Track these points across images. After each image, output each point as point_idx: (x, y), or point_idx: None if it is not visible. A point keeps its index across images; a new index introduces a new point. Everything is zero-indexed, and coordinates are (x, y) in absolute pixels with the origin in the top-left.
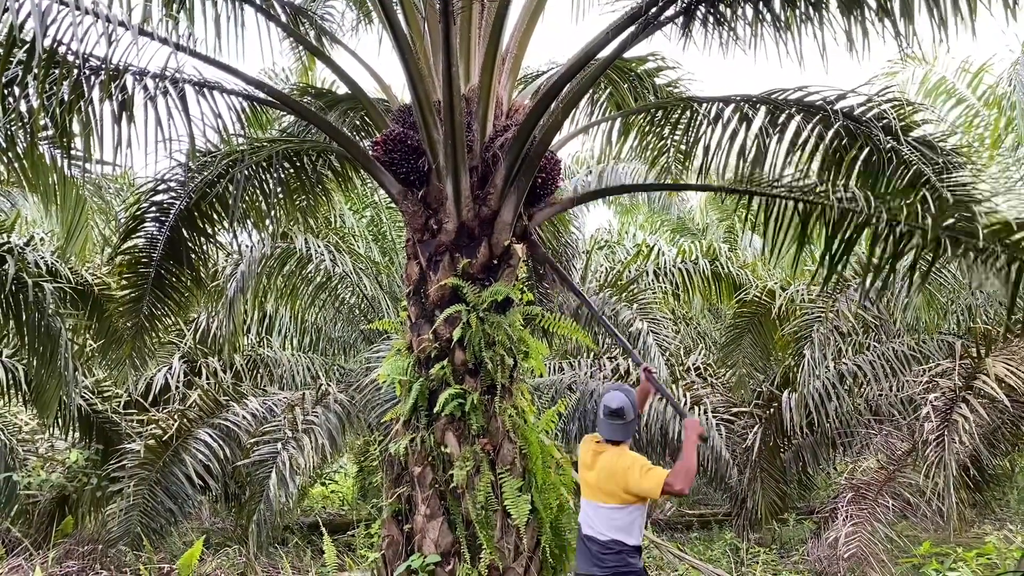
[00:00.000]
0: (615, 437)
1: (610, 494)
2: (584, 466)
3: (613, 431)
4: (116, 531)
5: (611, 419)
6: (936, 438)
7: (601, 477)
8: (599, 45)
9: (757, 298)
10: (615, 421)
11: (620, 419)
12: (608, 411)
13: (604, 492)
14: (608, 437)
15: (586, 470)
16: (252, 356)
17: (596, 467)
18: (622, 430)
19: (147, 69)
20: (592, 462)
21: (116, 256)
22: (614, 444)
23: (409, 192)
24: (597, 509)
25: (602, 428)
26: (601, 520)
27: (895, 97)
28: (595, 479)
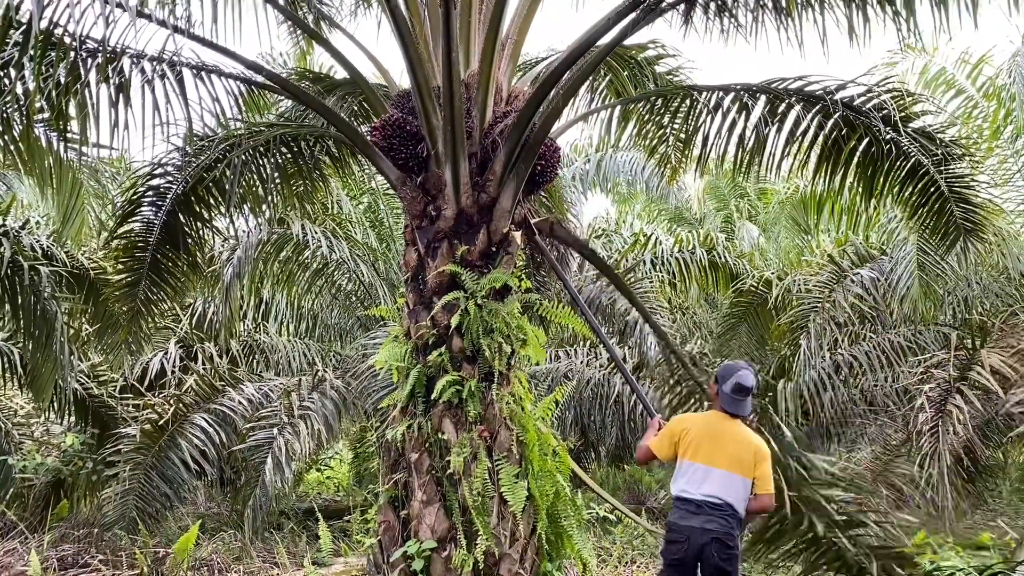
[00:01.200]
0: (743, 412)
1: (743, 466)
2: (699, 438)
3: (741, 406)
4: (112, 515)
5: (742, 396)
6: (930, 428)
7: (740, 448)
8: (600, 32)
9: (754, 287)
10: (744, 398)
11: (747, 396)
12: (741, 387)
13: (738, 463)
14: (735, 412)
15: (707, 441)
16: (248, 342)
17: (733, 439)
18: (747, 406)
19: (144, 52)
20: (719, 434)
21: (112, 240)
22: (739, 418)
23: (408, 178)
24: (724, 475)
25: (729, 403)
26: (723, 485)
27: (895, 88)
28: (732, 450)
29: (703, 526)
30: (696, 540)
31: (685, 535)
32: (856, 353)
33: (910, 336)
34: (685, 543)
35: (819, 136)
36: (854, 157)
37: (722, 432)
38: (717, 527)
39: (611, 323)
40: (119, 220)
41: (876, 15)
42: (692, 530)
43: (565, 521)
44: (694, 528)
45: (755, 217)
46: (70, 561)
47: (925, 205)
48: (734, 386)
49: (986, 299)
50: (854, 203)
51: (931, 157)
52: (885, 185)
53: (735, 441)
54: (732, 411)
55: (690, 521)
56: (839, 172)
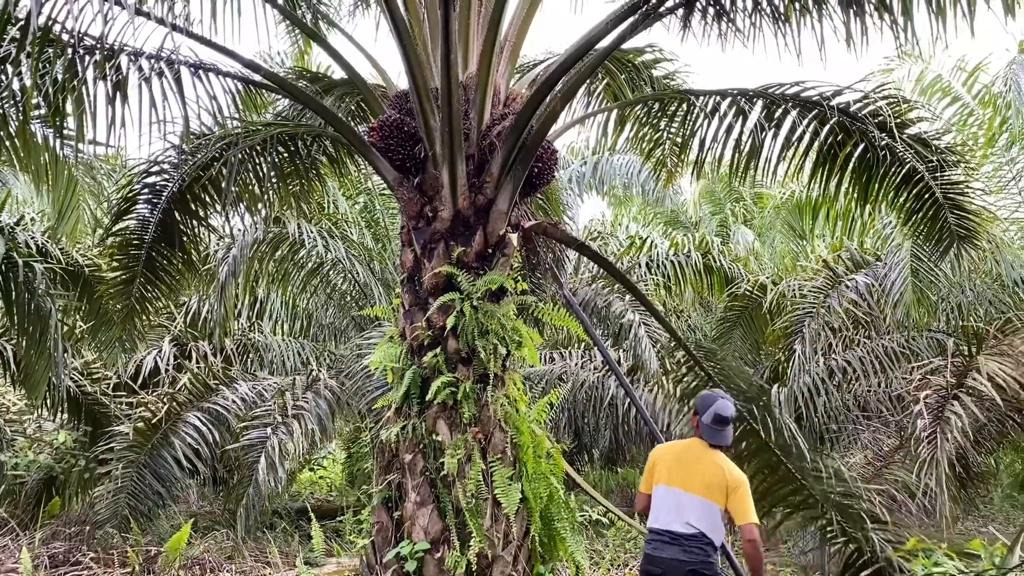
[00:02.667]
0: (723, 443)
1: (712, 493)
2: (671, 463)
3: (720, 437)
4: (104, 513)
5: (721, 427)
6: (928, 435)
7: (709, 474)
8: (598, 35)
9: (748, 292)
10: (723, 428)
11: (727, 426)
12: (720, 419)
13: (706, 489)
14: (715, 443)
15: (679, 465)
16: (243, 340)
17: (703, 464)
18: (727, 436)
19: (142, 49)
20: (690, 460)
21: (107, 238)
22: (719, 448)
23: (405, 179)
24: (694, 500)
25: (708, 433)
26: (695, 512)
27: (891, 94)
28: (702, 475)
29: (678, 557)
30: (672, 573)
31: (661, 568)
32: (850, 359)
33: (904, 342)
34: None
35: (815, 141)
36: (849, 163)
37: (697, 458)
38: (692, 558)
39: (606, 326)
40: (114, 217)
41: (874, 22)
42: (668, 563)
43: (558, 523)
44: (669, 560)
45: (751, 221)
46: (61, 559)
47: (920, 211)
48: (713, 416)
49: (980, 306)
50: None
51: (926, 164)
52: (880, 191)
53: (708, 467)
54: (712, 442)
55: (665, 552)
56: (834, 178)
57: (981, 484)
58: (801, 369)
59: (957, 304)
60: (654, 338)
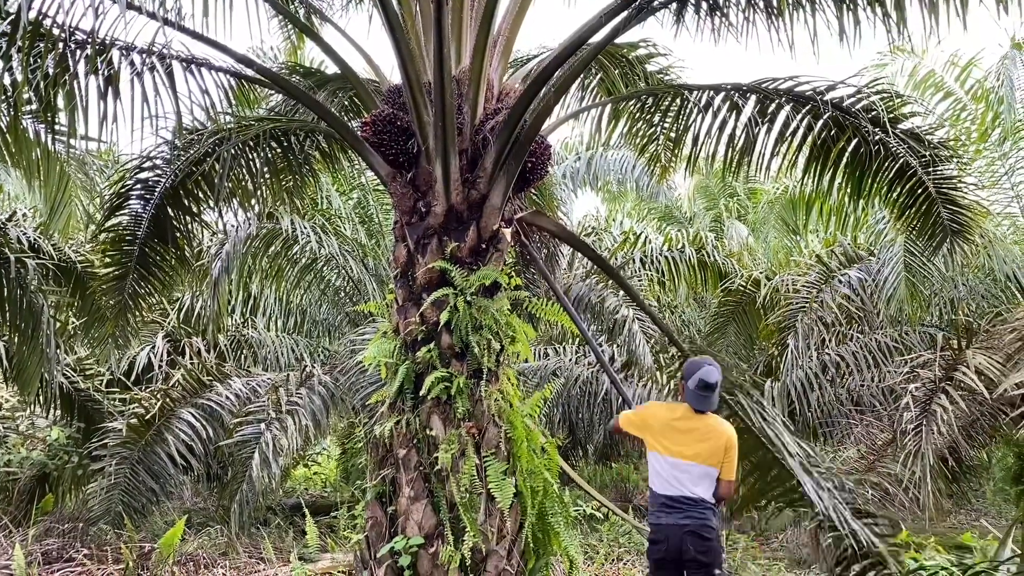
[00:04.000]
0: (708, 408)
1: (714, 457)
2: (665, 429)
3: (706, 402)
4: (97, 510)
5: (706, 392)
6: (915, 428)
7: (711, 439)
8: (592, 29)
9: (742, 287)
10: (708, 394)
11: (712, 391)
12: (705, 384)
13: (709, 454)
14: (701, 408)
15: (674, 433)
16: (236, 336)
17: (700, 431)
18: (712, 402)
19: (134, 44)
20: (686, 427)
21: (100, 233)
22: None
23: (398, 174)
24: (693, 468)
25: (694, 398)
26: (695, 478)
27: (884, 89)
28: (701, 441)
29: (678, 522)
30: (674, 537)
31: (664, 534)
32: (843, 353)
33: (896, 337)
34: (665, 542)
35: (808, 136)
36: (843, 158)
37: (693, 425)
38: (691, 521)
39: (600, 321)
40: (107, 213)
41: (866, 17)
42: (669, 528)
43: (552, 518)
44: (671, 526)
45: (744, 217)
46: (55, 555)
47: (912, 206)
48: (698, 382)
49: (972, 300)
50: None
51: (919, 159)
52: (873, 186)
53: (706, 433)
54: (698, 407)
55: (667, 519)
56: (828, 172)
57: (973, 478)
58: (794, 364)
59: (950, 299)
60: (648, 333)
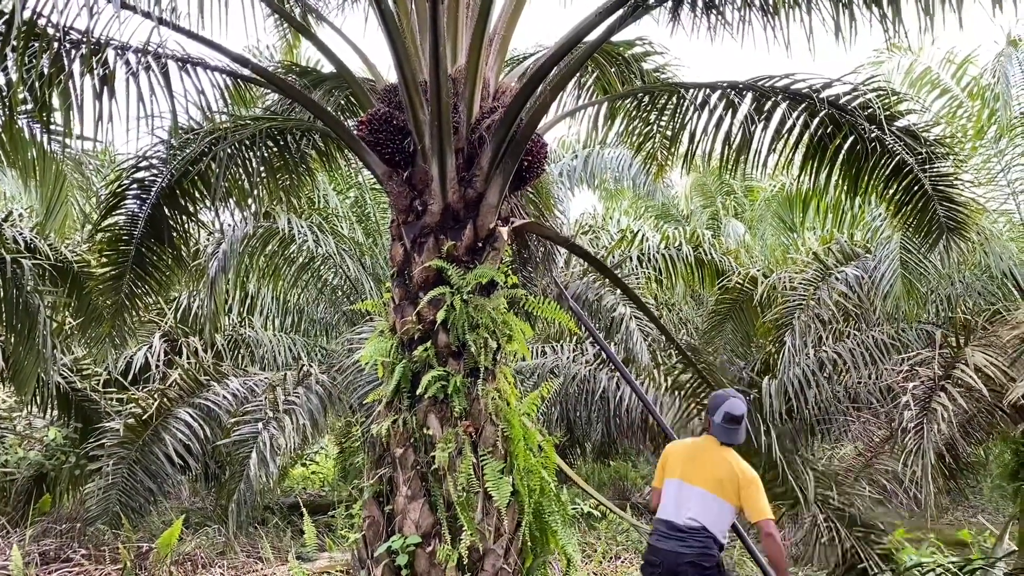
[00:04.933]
0: (735, 441)
1: (722, 489)
2: (681, 457)
3: (733, 435)
4: (94, 510)
5: (733, 425)
6: (915, 426)
7: (720, 471)
8: (587, 28)
9: (739, 285)
10: (735, 427)
11: (738, 424)
12: (731, 417)
13: (716, 484)
14: (728, 441)
15: (687, 459)
16: (233, 336)
17: (713, 460)
18: (739, 435)
19: (129, 43)
20: (700, 455)
21: (96, 233)
22: (727, 446)
23: (394, 173)
24: (696, 492)
25: (720, 432)
26: (697, 504)
27: (880, 86)
28: (711, 470)
29: (676, 549)
30: (669, 563)
31: (660, 558)
32: (840, 351)
33: (893, 334)
34: (660, 566)
35: (805, 134)
36: (839, 155)
37: (705, 453)
38: (690, 550)
39: (598, 319)
40: (103, 213)
41: (862, 15)
42: (666, 554)
43: (550, 516)
44: (668, 552)
45: (741, 214)
46: (52, 556)
47: (909, 203)
48: (724, 416)
49: (969, 298)
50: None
51: (915, 156)
52: (870, 183)
53: (717, 462)
54: (724, 440)
55: (665, 544)
56: (824, 170)
57: (971, 474)
58: (791, 361)
59: (947, 296)
60: (645, 331)
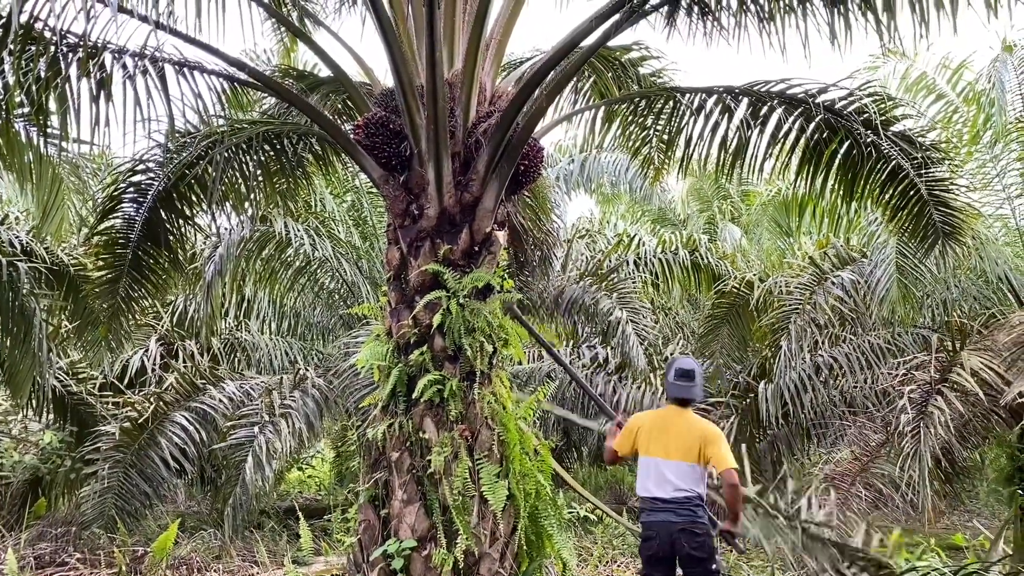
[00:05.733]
0: (692, 396)
1: (691, 453)
2: (650, 432)
3: (687, 391)
4: (90, 514)
5: (685, 380)
6: (912, 430)
7: (687, 436)
8: (584, 33)
9: (735, 289)
10: (688, 383)
11: (691, 380)
12: (682, 372)
13: (686, 451)
14: (684, 397)
15: (657, 433)
16: (230, 339)
17: (678, 428)
18: (694, 390)
19: (126, 47)
20: (667, 427)
21: (93, 236)
22: (682, 405)
23: (391, 177)
24: (673, 466)
25: (675, 389)
26: (677, 476)
27: (876, 92)
28: (679, 438)
29: (668, 519)
30: (664, 534)
31: (655, 531)
32: (836, 355)
33: (889, 338)
34: (656, 539)
35: (801, 139)
36: (835, 160)
37: (671, 423)
38: (681, 519)
39: (594, 324)
40: (100, 216)
41: (857, 20)
42: (659, 525)
43: (545, 520)
44: (661, 523)
45: (738, 219)
46: (47, 560)
47: (905, 208)
48: (676, 372)
49: (964, 302)
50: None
51: (911, 161)
52: (865, 188)
53: (683, 430)
54: (679, 396)
55: (656, 516)
56: (820, 175)
57: (967, 479)
58: (788, 365)
59: (942, 300)
60: (642, 335)
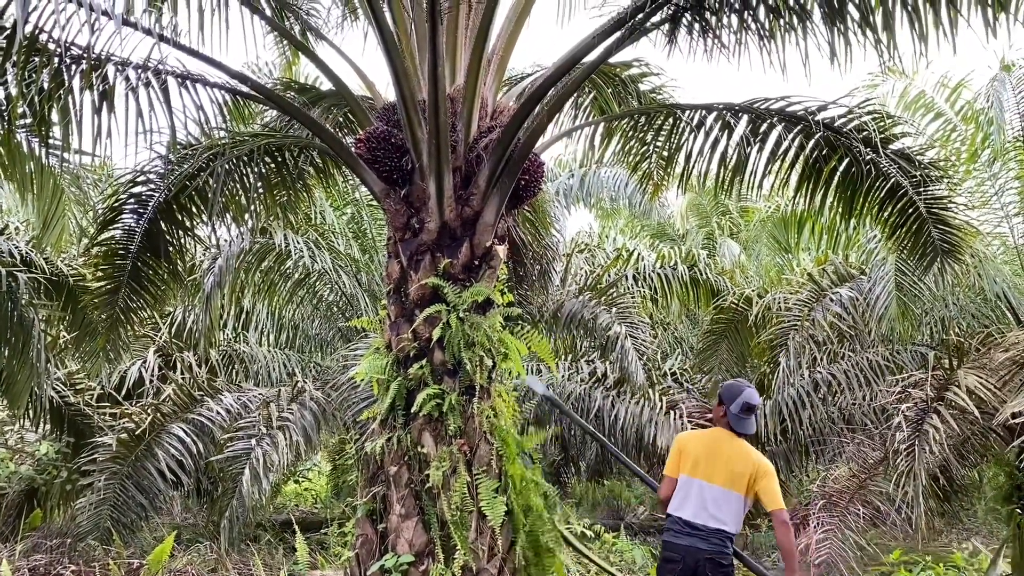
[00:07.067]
0: (749, 431)
1: (738, 482)
2: (698, 452)
3: (747, 425)
4: (85, 525)
5: (748, 415)
6: (907, 448)
7: (736, 464)
8: (585, 49)
9: (734, 305)
10: (750, 416)
11: (753, 414)
12: (748, 407)
13: (733, 479)
14: (743, 431)
15: (706, 455)
16: (228, 351)
17: (728, 454)
18: (753, 424)
19: (129, 59)
20: (716, 451)
21: (92, 247)
22: (741, 436)
23: (392, 191)
24: (717, 492)
25: (736, 422)
26: (719, 504)
27: (875, 110)
28: (728, 464)
29: (695, 545)
30: (690, 560)
31: (679, 554)
32: (835, 372)
33: (888, 355)
34: (680, 563)
35: (800, 156)
36: (834, 177)
37: (722, 448)
38: (710, 547)
39: (593, 338)
40: (100, 227)
41: (857, 40)
42: (686, 550)
43: (544, 536)
44: (687, 548)
45: (737, 235)
46: (42, 572)
47: (903, 226)
48: (742, 405)
49: (963, 320)
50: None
51: (910, 179)
52: (864, 205)
53: (734, 457)
54: (739, 430)
55: (683, 540)
56: (819, 192)
57: (965, 497)
58: (786, 381)
59: (940, 318)
60: (640, 350)
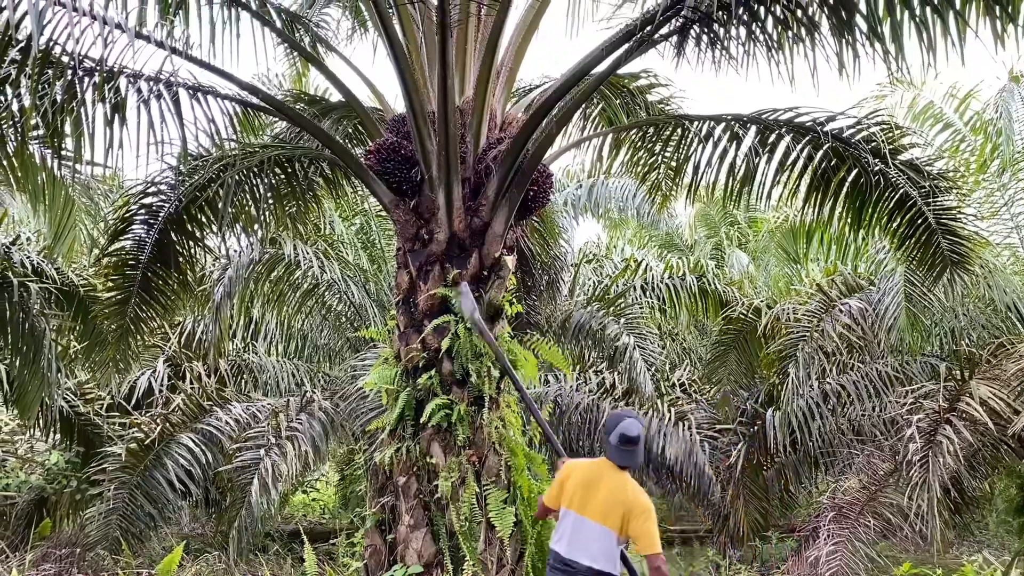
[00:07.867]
0: (632, 464)
1: (610, 519)
2: (577, 483)
3: (629, 458)
4: (95, 535)
5: (628, 447)
6: (920, 459)
7: (612, 498)
8: (593, 61)
9: (743, 315)
10: (631, 448)
11: (635, 446)
12: (627, 439)
13: (605, 514)
14: (624, 464)
15: (584, 485)
16: (237, 361)
17: (607, 487)
18: (636, 457)
19: (141, 72)
20: (595, 482)
21: (103, 257)
22: (621, 469)
23: (401, 201)
24: (588, 526)
25: (616, 454)
26: (590, 539)
27: (884, 120)
28: (603, 497)
29: None
30: None
31: None
32: (844, 382)
33: (897, 366)
34: None
35: (809, 166)
36: (843, 188)
37: (602, 481)
38: None
39: (601, 349)
40: (111, 238)
41: (865, 51)
42: None
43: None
44: None
45: (745, 245)
46: None
47: (913, 236)
48: (620, 437)
49: (973, 331)
50: (843, 233)
51: (919, 189)
52: (873, 216)
53: (609, 491)
54: (620, 462)
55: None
56: (828, 202)
57: (976, 509)
58: (795, 393)
59: (950, 328)
60: (649, 361)
